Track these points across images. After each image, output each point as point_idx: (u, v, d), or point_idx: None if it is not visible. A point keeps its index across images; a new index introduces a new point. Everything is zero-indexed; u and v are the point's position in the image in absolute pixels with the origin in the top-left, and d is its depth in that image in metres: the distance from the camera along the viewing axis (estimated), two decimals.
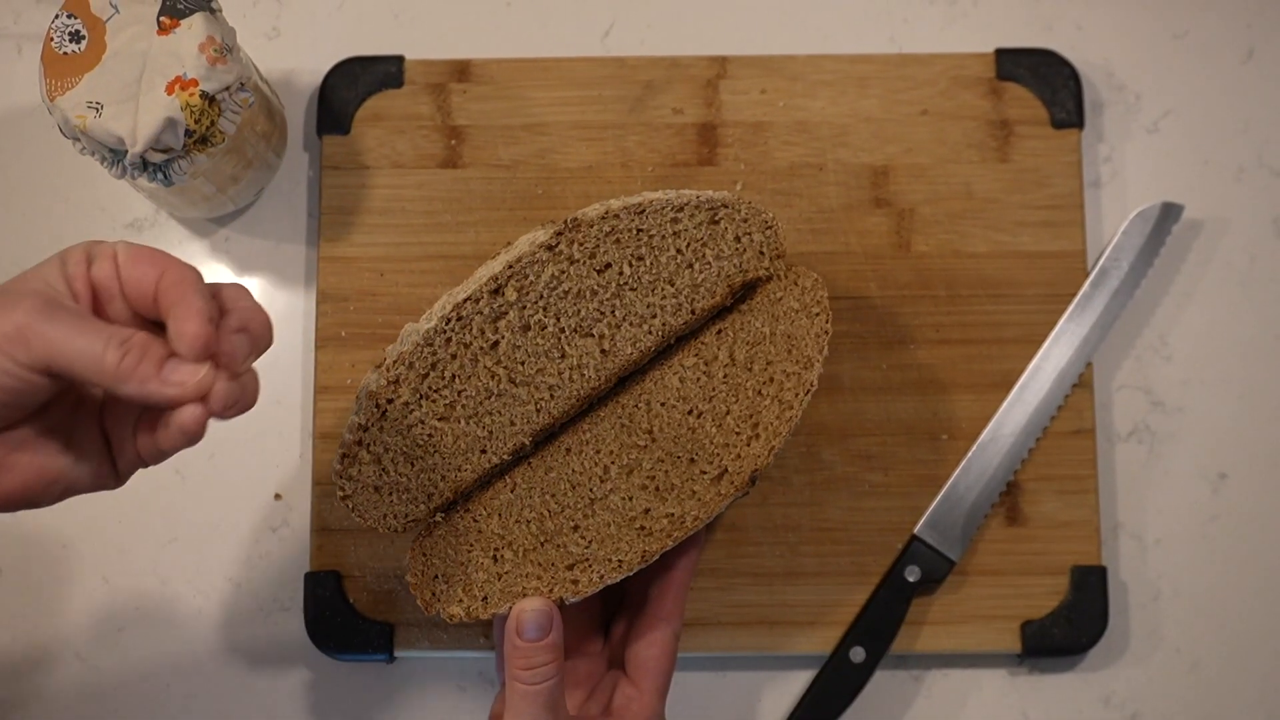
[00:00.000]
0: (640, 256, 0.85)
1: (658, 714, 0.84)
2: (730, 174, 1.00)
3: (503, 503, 0.85)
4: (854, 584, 0.96)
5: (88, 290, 0.72)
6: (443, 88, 1.01)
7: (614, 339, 0.85)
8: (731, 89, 1.01)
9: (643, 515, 0.84)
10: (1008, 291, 0.99)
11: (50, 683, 0.97)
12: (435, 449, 0.84)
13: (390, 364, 0.82)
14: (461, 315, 0.82)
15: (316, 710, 0.97)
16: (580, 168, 1.00)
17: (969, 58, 1.01)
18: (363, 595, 0.96)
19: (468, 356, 0.83)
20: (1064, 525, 0.96)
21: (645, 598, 0.86)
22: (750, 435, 0.84)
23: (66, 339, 0.68)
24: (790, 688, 0.97)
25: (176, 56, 0.88)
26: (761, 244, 0.87)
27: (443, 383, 0.83)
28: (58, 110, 0.88)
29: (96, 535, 0.98)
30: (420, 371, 0.82)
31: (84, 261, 0.72)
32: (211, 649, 0.98)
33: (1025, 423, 0.96)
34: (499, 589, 0.83)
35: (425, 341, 0.82)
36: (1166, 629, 0.97)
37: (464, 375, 0.83)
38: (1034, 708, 0.97)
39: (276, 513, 0.99)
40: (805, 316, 0.86)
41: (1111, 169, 1.02)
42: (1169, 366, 1.00)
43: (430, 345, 0.82)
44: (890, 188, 1.00)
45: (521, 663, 0.79)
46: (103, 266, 0.72)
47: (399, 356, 0.82)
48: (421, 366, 0.82)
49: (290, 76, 1.03)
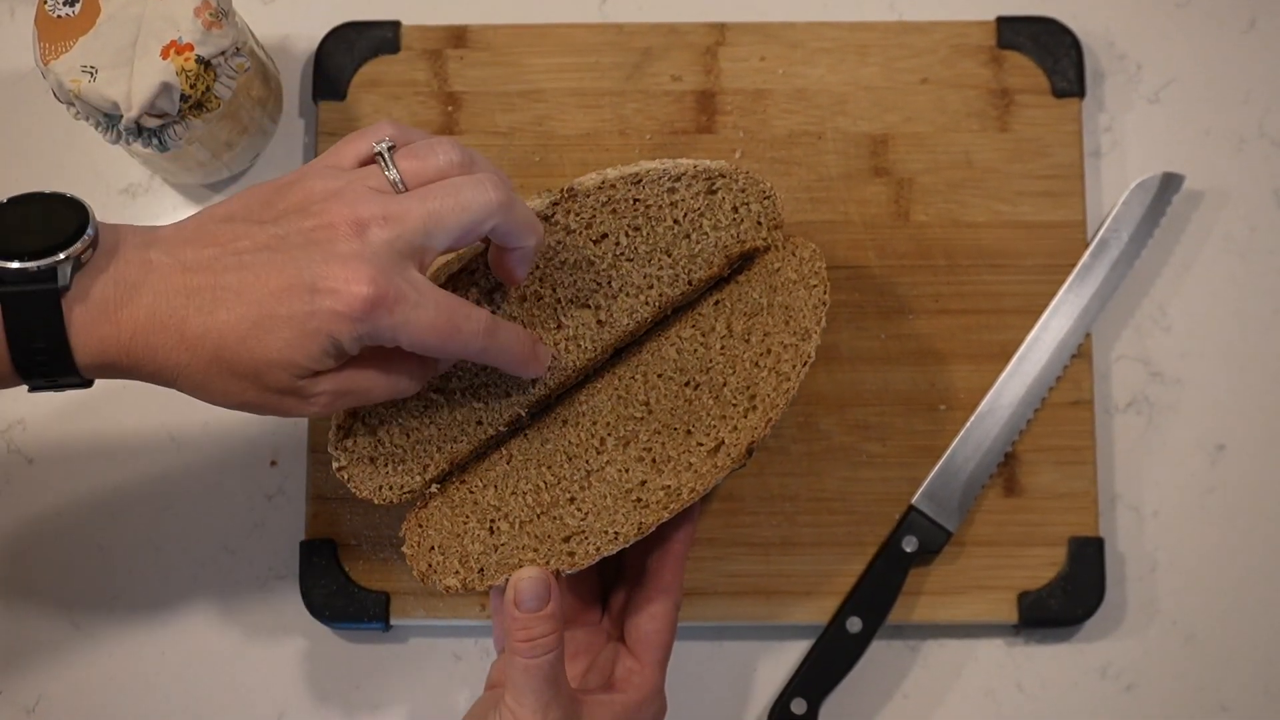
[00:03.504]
0: (637, 227, 0.84)
1: (658, 685, 0.84)
2: (729, 142, 0.99)
3: (499, 474, 0.85)
4: (851, 554, 0.96)
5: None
6: (439, 54, 1.00)
7: (611, 310, 0.85)
8: (730, 56, 1.00)
9: (639, 487, 0.83)
10: (1007, 261, 0.98)
11: (44, 650, 0.97)
12: (431, 421, 0.83)
13: None
14: (457, 287, 0.82)
15: (311, 678, 0.97)
16: (578, 135, 0.99)
17: (970, 26, 1.01)
18: (358, 564, 0.95)
19: None
20: (1061, 496, 0.96)
21: (644, 570, 0.86)
22: (747, 407, 0.84)
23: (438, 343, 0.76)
24: (787, 658, 0.97)
25: (171, 20, 0.88)
26: (759, 214, 0.86)
27: None
28: (52, 74, 0.88)
29: (91, 502, 0.98)
30: None
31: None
32: (207, 617, 0.97)
33: (1023, 393, 0.96)
34: (495, 561, 0.83)
35: None
36: (1163, 600, 0.97)
37: None
38: (1030, 678, 0.97)
39: (272, 480, 0.99)
40: (803, 288, 0.86)
41: (1112, 139, 1.02)
42: (1168, 338, 1.00)
43: None
44: (890, 157, 0.99)
45: (521, 634, 0.78)
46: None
47: None
48: None
49: (286, 41, 1.03)
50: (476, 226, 0.76)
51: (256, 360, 0.73)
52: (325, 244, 0.73)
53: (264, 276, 0.72)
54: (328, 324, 0.73)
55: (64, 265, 0.70)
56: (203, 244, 0.74)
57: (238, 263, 0.73)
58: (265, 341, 0.73)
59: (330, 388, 0.76)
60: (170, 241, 0.74)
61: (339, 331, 0.73)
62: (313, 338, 0.73)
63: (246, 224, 0.74)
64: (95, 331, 0.72)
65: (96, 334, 0.72)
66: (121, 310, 0.72)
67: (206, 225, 0.75)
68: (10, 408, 0.99)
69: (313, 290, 0.72)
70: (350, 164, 0.78)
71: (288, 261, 0.73)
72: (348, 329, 0.73)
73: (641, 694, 0.84)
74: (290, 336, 0.73)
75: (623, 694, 0.83)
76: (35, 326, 0.71)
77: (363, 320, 0.73)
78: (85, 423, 0.99)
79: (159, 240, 0.74)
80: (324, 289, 0.72)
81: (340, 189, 0.75)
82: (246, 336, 0.72)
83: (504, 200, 0.76)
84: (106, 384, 0.98)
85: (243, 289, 0.72)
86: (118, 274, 0.72)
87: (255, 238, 0.74)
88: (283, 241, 0.73)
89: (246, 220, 0.75)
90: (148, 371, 0.74)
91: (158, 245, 0.73)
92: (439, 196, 0.75)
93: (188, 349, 0.73)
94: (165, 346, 0.72)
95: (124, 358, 0.73)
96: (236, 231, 0.74)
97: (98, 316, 0.71)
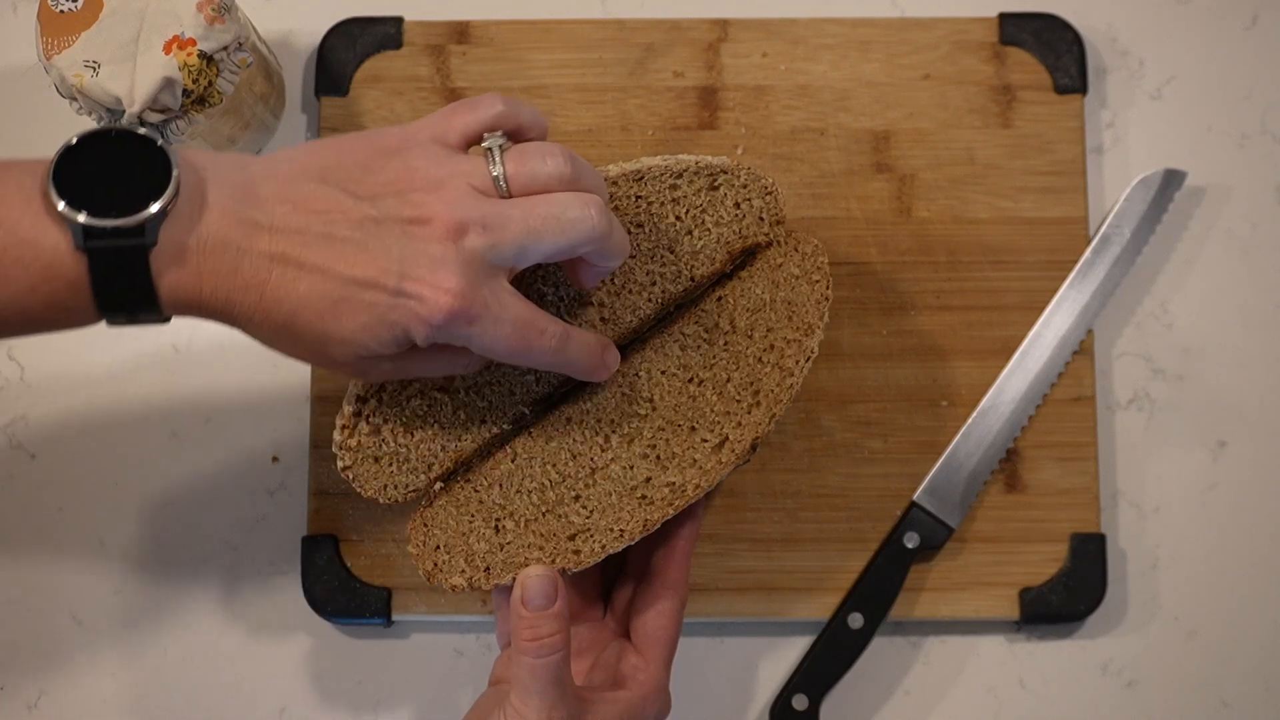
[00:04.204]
0: (639, 224, 0.84)
1: (663, 683, 0.84)
2: (731, 138, 0.99)
3: (504, 473, 0.85)
4: (852, 550, 0.96)
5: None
6: (442, 49, 1.00)
7: (614, 307, 0.85)
8: (732, 52, 1.00)
9: (644, 484, 0.83)
10: (1009, 258, 0.98)
11: (46, 646, 0.97)
12: (435, 420, 0.83)
13: None
14: None
15: (313, 674, 0.97)
16: (580, 131, 0.99)
17: (972, 22, 1.01)
18: (360, 559, 0.95)
19: None
20: (1063, 493, 0.96)
21: (649, 568, 0.86)
22: (751, 403, 0.84)
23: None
24: (788, 654, 0.97)
25: (174, 15, 0.88)
26: (761, 210, 0.86)
27: None
28: (54, 69, 0.88)
29: (93, 498, 0.98)
30: None
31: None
32: (208, 612, 0.97)
33: (1025, 390, 0.96)
34: (501, 559, 0.83)
35: None
36: (1165, 597, 0.97)
37: None
38: (1031, 674, 0.97)
39: (274, 476, 0.98)
40: (806, 283, 0.86)
41: (1114, 135, 1.02)
42: (1170, 334, 1.00)
43: None
44: (892, 153, 0.99)
45: (528, 633, 0.78)
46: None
47: None
48: None
49: (288, 37, 1.03)
50: (573, 249, 0.76)
51: (328, 335, 0.73)
52: (420, 241, 0.73)
53: (352, 260, 0.72)
54: (405, 320, 0.73)
55: (151, 221, 0.69)
56: (295, 206, 0.72)
57: (328, 238, 0.72)
58: (340, 321, 0.72)
59: (390, 368, 0.77)
60: (260, 196, 0.72)
61: (415, 330, 0.73)
62: (388, 329, 0.73)
63: (341, 194, 0.73)
64: (179, 282, 0.71)
65: (181, 284, 0.71)
66: (206, 266, 0.71)
67: (301, 183, 0.73)
68: (12, 404, 0.99)
69: (399, 287, 0.72)
70: (456, 142, 0.77)
71: (379, 251, 0.72)
72: (424, 331, 0.73)
73: (646, 691, 0.83)
74: (366, 322, 0.73)
75: (627, 691, 0.83)
76: (122, 280, 0.70)
77: (441, 328, 0.73)
78: (87, 418, 0.99)
79: (249, 193, 0.72)
80: (410, 290, 0.72)
81: (443, 180, 0.74)
82: (323, 313, 0.72)
83: (604, 228, 0.76)
84: (108, 378, 0.99)
85: (329, 267, 0.72)
86: (206, 228, 0.71)
87: (350, 214, 0.73)
88: (377, 227, 0.73)
89: (342, 188, 0.73)
90: (218, 319, 0.73)
91: (248, 200, 0.72)
92: (542, 213, 0.74)
93: (263, 311, 0.72)
94: (243, 305, 0.72)
95: (200, 306, 0.72)
96: (330, 201, 0.73)
97: (183, 269, 0.70)
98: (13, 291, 0.70)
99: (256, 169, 0.74)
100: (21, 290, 0.70)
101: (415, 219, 0.73)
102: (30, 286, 0.70)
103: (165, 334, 0.99)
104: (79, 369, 0.99)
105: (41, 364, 0.99)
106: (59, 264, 0.69)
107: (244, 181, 0.73)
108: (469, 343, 0.75)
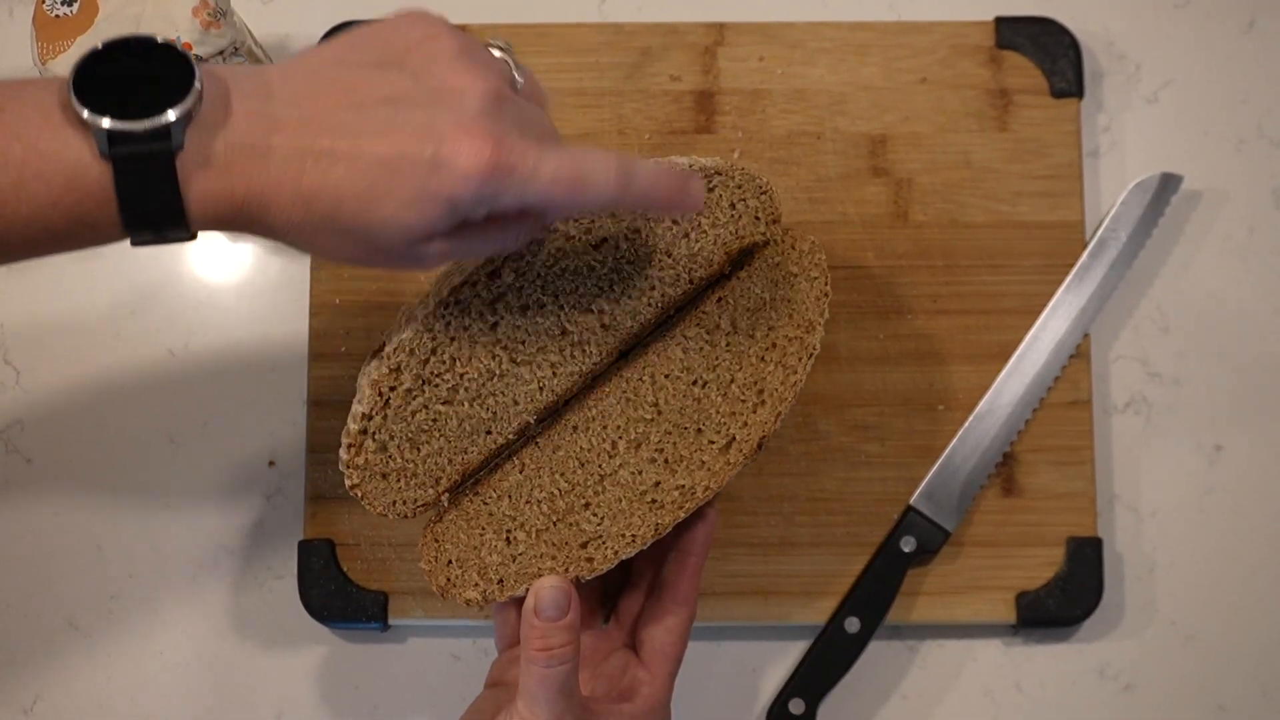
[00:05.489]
0: (636, 229, 0.84)
1: (666, 698, 0.84)
2: (728, 142, 0.99)
3: (512, 484, 0.84)
4: (849, 554, 0.96)
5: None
6: None
7: (614, 313, 0.85)
8: (729, 56, 1.00)
9: (653, 488, 0.83)
10: (1005, 262, 0.98)
11: (42, 650, 0.97)
12: (440, 432, 0.83)
13: (391, 351, 0.81)
14: (459, 300, 0.81)
15: (309, 678, 0.97)
16: (576, 135, 0.99)
17: (969, 26, 1.01)
18: (357, 564, 0.95)
19: (467, 339, 0.82)
20: (1060, 497, 0.96)
21: (660, 580, 0.85)
22: (756, 402, 0.84)
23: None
24: (785, 658, 0.97)
25: (169, 20, 0.87)
26: (757, 209, 0.86)
27: (444, 366, 0.82)
28: (50, 74, 0.88)
29: (89, 503, 0.98)
30: (421, 357, 0.81)
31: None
32: (205, 617, 0.97)
33: (1022, 394, 0.96)
34: (514, 571, 0.83)
35: (425, 327, 0.81)
36: (1162, 601, 0.97)
37: (465, 358, 0.82)
38: (1028, 679, 0.97)
39: (271, 480, 0.98)
40: (804, 280, 0.86)
41: (1111, 139, 1.02)
42: (1166, 338, 1.00)
43: (430, 330, 0.81)
44: (888, 157, 0.99)
45: (539, 643, 0.78)
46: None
47: (399, 344, 0.81)
48: (422, 352, 0.81)
49: (285, 41, 1.03)
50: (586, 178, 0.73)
51: (371, 221, 0.70)
52: (451, 110, 0.70)
53: (385, 132, 0.69)
54: (447, 188, 0.69)
55: (176, 124, 0.67)
56: (319, 93, 0.70)
57: (357, 116, 0.69)
58: (381, 203, 0.69)
59: (443, 248, 0.73)
60: (283, 93, 0.70)
61: (459, 195, 0.69)
62: (431, 201, 0.69)
63: (364, 68, 0.71)
64: (209, 190, 0.68)
65: (210, 192, 0.68)
66: (235, 168, 0.68)
67: (319, 70, 0.71)
68: (9, 408, 0.99)
69: (436, 155, 0.69)
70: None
71: (410, 119, 0.69)
72: (468, 194, 0.69)
73: (651, 705, 0.83)
74: (407, 199, 0.69)
75: (631, 704, 0.83)
76: (149, 188, 0.68)
77: (484, 183, 0.69)
78: (84, 423, 0.99)
79: (271, 91, 0.70)
80: (446, 155, 0.69)
81: (474, 55, 0.72)
82: (362, 196, 0.69)
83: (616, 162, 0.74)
84: (105, 383, 0.99)
85: (360, 149, 0.69)
86: (232, 131, 0.68)
87: (377, 86, 0.70)
88: (407, 95, 0.70)
89: (363, 64, 0.71)
90: (258, 229, 0.71)
91: (272, 98, 0.70)
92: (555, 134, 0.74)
93: (302, 207, 0.69)
94: (279, 205, 0.69)
95: (236, 215, 0.69)
96: (355, 78, 0.70)
97: (212, 175, 0.68)
98: (35, 206, 0.67)
99: (274, 72, 0.71)
100: (44, 204, 0.67)
101: (447, 88, 0.70)
102: (53, 200, 0.67)
103: (162, 338, 0.99)
104: (75, 373, 0.99)
105: (38, 368, 0.99)
106: (83, 175, 0.67)
107: (265, 83, 0.70)
108: (523, 196, 0.71)
